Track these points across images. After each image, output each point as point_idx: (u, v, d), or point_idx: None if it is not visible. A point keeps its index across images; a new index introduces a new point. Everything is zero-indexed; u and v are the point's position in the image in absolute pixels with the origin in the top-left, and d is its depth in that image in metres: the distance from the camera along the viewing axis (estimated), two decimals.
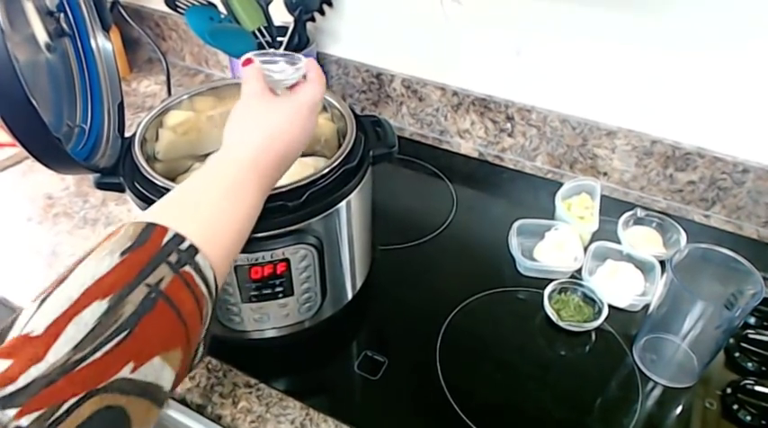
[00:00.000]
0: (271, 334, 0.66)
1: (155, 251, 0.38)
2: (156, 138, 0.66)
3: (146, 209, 0.56)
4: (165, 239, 0.39)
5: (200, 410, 0.66)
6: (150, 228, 0.40)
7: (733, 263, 0.65)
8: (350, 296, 0.72)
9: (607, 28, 0.83)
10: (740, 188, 0.86)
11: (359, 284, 0.73)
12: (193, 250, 0.40)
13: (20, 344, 0.32)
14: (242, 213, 0.46)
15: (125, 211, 0.90)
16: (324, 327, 0.70)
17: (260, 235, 0.56)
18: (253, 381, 0.67)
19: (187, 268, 0.39)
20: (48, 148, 0.49)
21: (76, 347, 0.33)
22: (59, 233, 0.87)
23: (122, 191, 0.60)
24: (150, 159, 0.64)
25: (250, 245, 0.56)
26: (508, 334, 0.74)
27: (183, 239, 0.40)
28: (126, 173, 0.60)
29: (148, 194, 0.57)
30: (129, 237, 0.39)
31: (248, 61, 0.56)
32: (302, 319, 0.66)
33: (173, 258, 0.39)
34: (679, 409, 0.66)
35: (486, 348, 0.72)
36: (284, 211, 0.56)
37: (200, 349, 0.43)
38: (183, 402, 0.67)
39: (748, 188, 0.85)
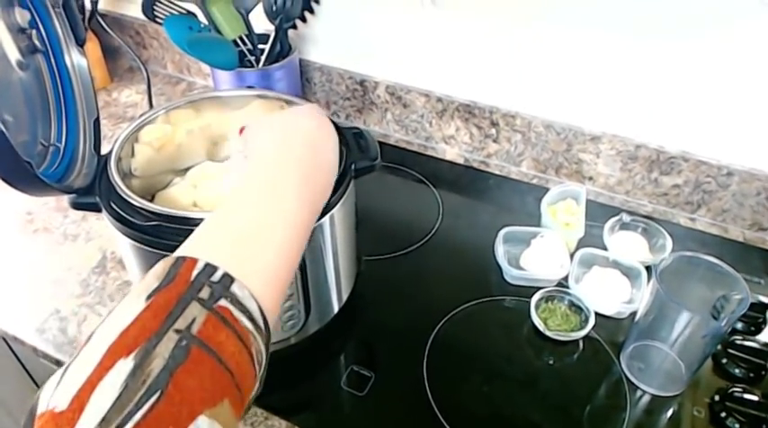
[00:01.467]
0: None
1: (183, 288, 0.33)
2: (132, 154, 0.65)
3: (122, 229, 0.56)
4: (195, 272, 0.34)
5: None
6: (179, 263, 0.35)
7: (719, 270, 0.65)
8: (336, 309, 0.71)
9: (590, 33, 0.82)
10: (725, 191, 0.86)
11: (345, 297, 0.73)
12: (228, 279, 0.35)
13: (45, 424, 0.28)
14: (282, 220, 0.41)
15: (105, 227, 0.88)
16: (309, 343, 0.69)
17: None
18: None
19: (222, 302, 0.34)
20: (18, 173, 0.48)
21: (104, 421, 0.28)
22: (39, 249, 0.85)
23: (99, 210, 0.59)
24: (127, 176, 0.63)
25: None
26: (496, 345, 0.73)
27: (214, 269, 0.35)
28: (102, 192, 0.59)
29: (125, 214, 0.55)
30: (157, 276, 0.34)
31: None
32: (286, 336, 0.65)
33: (204, 293, 0.34)
34: (667, 417, 0.66)
35: (474, 359, 0.71)
36: None
37: (256, 386, 0.37)
38: None
39: (733, 191, 0.85)
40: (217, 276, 0.35)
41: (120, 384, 0.29)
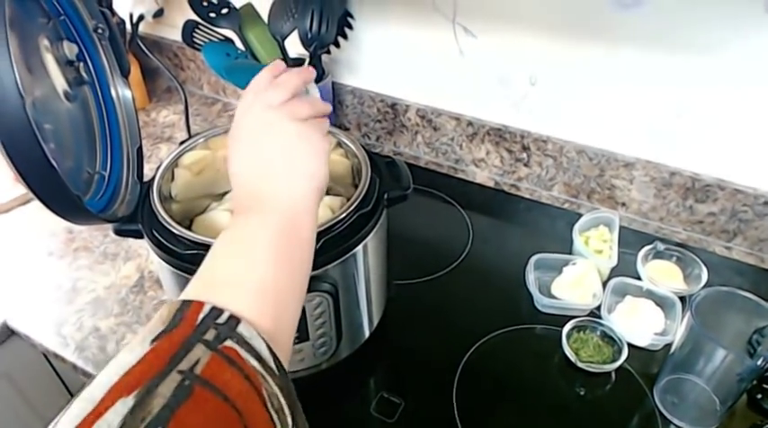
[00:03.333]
0: None
1: (189, 332, 0.33)
2: (173, 179, 0.67)
3: (163, 257, 0.58)
4: (201, 316, 0.35)
5: None
6: (185, 307, 0.35)
7: (755, 303, 0.64)
8: (367, 335, 0.72)
9: (624, 58, 0.82)
10: (762, 220, 0.84)
11: (375, 322, 0.73)
12: (234, 321, 0.35)
13: None
14: (285, 258, 0.42)
15: (142, 246, 0.91)
16: (340, 368, 0.70)
17: None
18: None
19: (228, 343, 0.34)
20: (68, 205, 0.50)
21: None
22: (80, 268, 0.88)
23: (141, 237, 0.61)
24: (167, 201, 0.65)
25: None
26: (526, 375, 0.73)
27: (220, 312, 0.35)
28: (144, 219, 0.61)
29: (166, 242, 0.57)
30: (163, 321, 0.34)
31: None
32: (318, 362, 0.66)
33: (209, 335, 0.34)
34: None
35: (504, 389, 0.71)
36: None
37: None
38: None
39: None
40: (223, 318, 0.35)
41: (117, 422, 0.28)
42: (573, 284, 0.79)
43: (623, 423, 0.68)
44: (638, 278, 0.80)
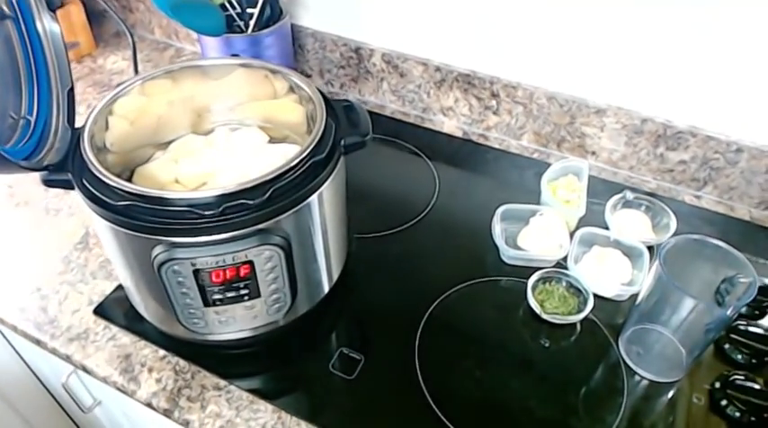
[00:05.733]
0: (240, 335, 0.63)
1: None
2: (107, 128, 0.61)
3: (95, 209, 0.53)
4: None
5: (167, 414, 0.63)
6: None
7: (724, 252, 0.62)
8: (326, 290, 0.69)
9: (598, 1, 0.78)
10: (733, 168, 0.82)
11: (335, 277, 0.70)
12: None
13: None
14: None
15: None
16: (298, 324, 0.67)
17: (221, 236, 0.52)
18: (222, 383, 0.64)
19: None
20: None
21: None
22: (21, 224, 0.82)
23: (72, 188, 0.55)
24: (102, 151, 0.60)
25: (210, 247, 0.52)
26: (490, 328, 0.71)
27: None
28: (75, 169, 0.55)
29: (98, 193, 0.52)
30: None
31: None
32: (274, 320, 0.62)
33: None
34: (666, 404, 0.64)
35: (467, 342, 0.69)
36: (245, 210, 0.51)
37: None
38: (149, 406, 0.64)
39: (741, 168, 0.82)
40: None
41: None
42: (539, 235, 0.77)
43: (588, 374, 0.66)
44: (607, 228, 0.78)
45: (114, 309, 0.71)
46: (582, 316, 0.69)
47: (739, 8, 0.71)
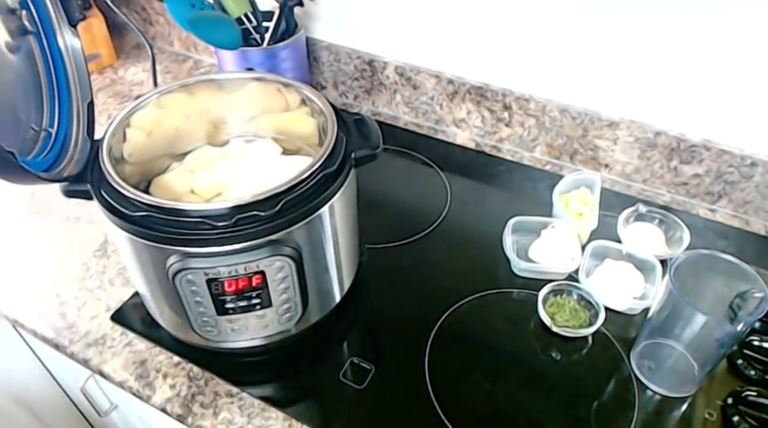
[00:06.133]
0: (252, 343, 0.64)
1: None
2: (124, 139, 0.63)
3: (113, 219, 0.54)
4: None
5: (180, 420, 0.64)
6: None
7: (736, 267, 0.61)
8: (337, 299, 0.70)
9: (610, 13, 0.78)
10: (748, 182, 0.82)
11: (347, 286, 0.71)
12: None
13: None
14: None
15: None
16: (310, 333, 0.67)
17: (233, 247, 0.53)
18: (234, 390, 0.65)
19: None
20: (1, 163, 0.46)
21: None
22: (41, 231, 0.84)
23: (91, 198, 0.57)
24: (120, 162, 0.61)
25: (223, 258, 0.53)
26: (501, 340, 0.71)
27: None
28: (94, 180, 0.57)
29: (115, 204, 0.54)
30: None
31: None
32: (286, 328, 0.63)
33: None
34: (677, 420, 0.64)
35: (478, 354, 0.69)
36: (257, 222, 0.53)
37: None
38: (163, 411, 0.65)
39: (756, 182, 0.81)
40: None
41: None
42: (551, 248, 0.77)
43: (598, 388, 0.66)
44: (619, 241, 0.78)
45: (131, 316, 0.72)
46: (593, 329, 0.69)
47: (753, 22, 0.70)
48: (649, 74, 0.80)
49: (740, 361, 0.67)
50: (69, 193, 0.57)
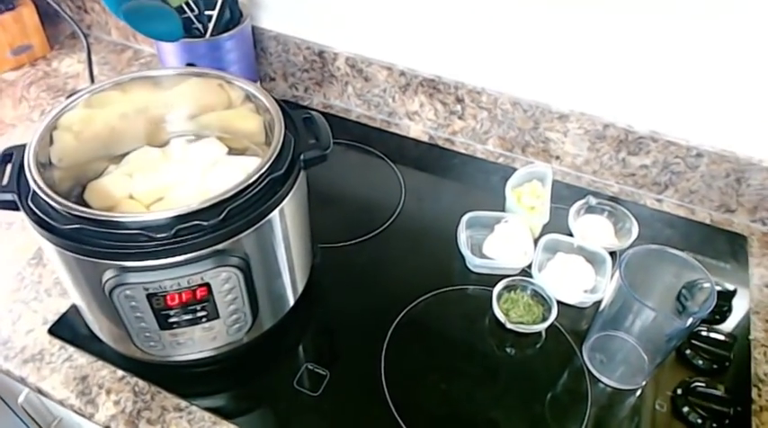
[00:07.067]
0: (200, 355, 0.61)
1: None
2: (51, 143, 0.58)
3: (42, 232, 0.50)
4: None
5: None
6: None
7: (684, 261, 0.62)
8: (291, 303, 0.68)
9: (559, 8, 0.77)
10: (693, 172, 0.83)
11: (300, 289, 0.69)
12: None
13: None
14: None
15: None
16: (262, 341, 0.65)
17: (174, 259, 0.50)
18: (183, 404, 0.63)
19: None
20: None
21: None
22: None
23: (17, 209, 0.53)
24: (49, 168, 0.57)
25: (164, 271, 0.51)
26: (457, 338, 0.70)
27: None
28: (21, 189, 0.53)
29: (44, 217, 0.50)
30: None
31: None
32: (237, 338, 0.61)
33: None
34: (629, 411, 0.65)
35: (434, 354, 0.69)
36: (200, 232, 0.50)
37: None
38: None
39: (702, 172, 0.83)
40: None
41: None
42: (504, 242, 0.77)
43: (553, 382, 0.67)
44: (570, 234, 0.78)
45: (70, 329, 0.69)
46: (546, 324, 0.69)
47: (697, 16, 0.71)
48: (599, 67, 0.80)
49: (688, 351, 0.68)
50: None
